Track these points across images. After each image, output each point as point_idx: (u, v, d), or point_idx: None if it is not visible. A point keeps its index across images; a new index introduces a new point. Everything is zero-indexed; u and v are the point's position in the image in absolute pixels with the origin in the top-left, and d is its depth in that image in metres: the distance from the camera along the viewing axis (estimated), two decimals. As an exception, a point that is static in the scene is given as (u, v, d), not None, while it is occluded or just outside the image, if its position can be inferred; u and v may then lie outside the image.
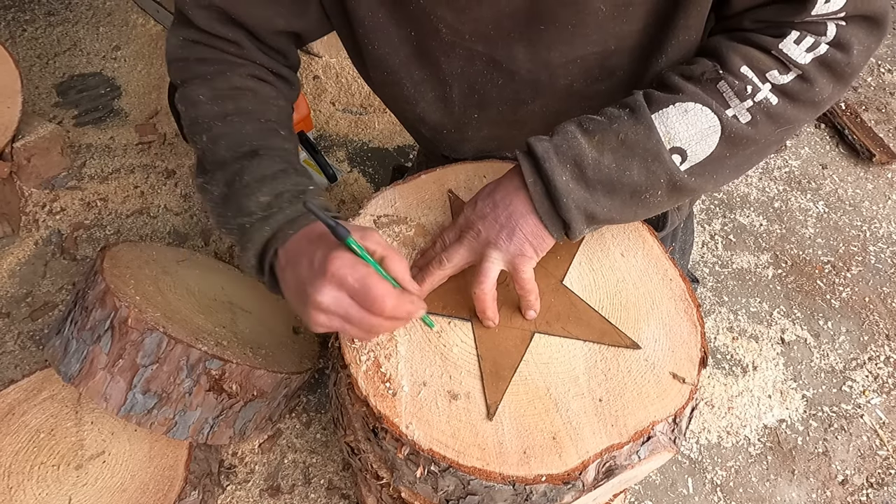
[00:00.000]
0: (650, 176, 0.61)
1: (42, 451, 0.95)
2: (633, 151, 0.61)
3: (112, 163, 1.64)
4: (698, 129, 0.61)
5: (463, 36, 0.70)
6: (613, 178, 0.61)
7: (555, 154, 0.61)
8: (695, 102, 0.62)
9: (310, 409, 1.21)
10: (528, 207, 0.62)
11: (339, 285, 0.54)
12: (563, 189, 0.60)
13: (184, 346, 0.85)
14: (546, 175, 0.60)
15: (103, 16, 2.04)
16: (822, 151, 1.89)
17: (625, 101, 0.65)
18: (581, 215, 0.62)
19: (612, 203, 0.62)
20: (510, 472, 0.57)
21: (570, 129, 0.63)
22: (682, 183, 0.62)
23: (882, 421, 1.31)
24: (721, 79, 0.62)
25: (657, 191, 0.62)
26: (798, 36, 0.62)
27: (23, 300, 1.34)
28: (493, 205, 0.63)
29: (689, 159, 0.62)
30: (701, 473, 1.21)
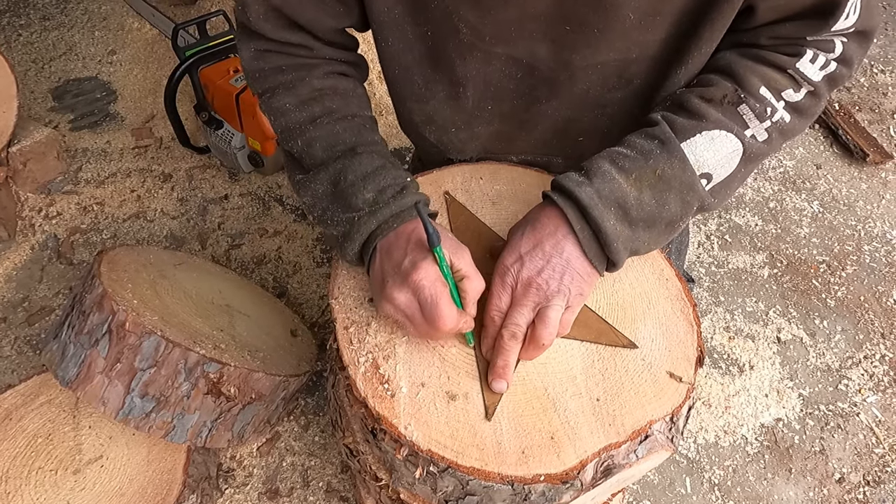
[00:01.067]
0: (685, 206, 0.65)
1: (40, 456, 0.94)
2: (671, 185, 0.64)
3: (108, 167, 1.64)
4: (724, 155, 0.64)
5: (483, 38, 0.70)
6: (654, 213, 0.64)
7: (599, 200, 0.62)
8: (720, 130, 0.64)
9: (308, 411, 1.21)
10: (580, 252, 0.64)
11: (414, 292, 0.60)
12: (612, 234, 0.62)
13: (182, 349, 0.85)
14: (594, 222, 0.62)
15: (99, 20, 2.04)
16: (816, 152, 1.90)
17: (652, 132, 0.66)
18: (627, 252, 0.64)
19: (650, 236, 0.65)
20: (509, 472, 0.57)
21: (606, 169, 0.64)
22: (707, 205, 0.66)
23: (878, 419, 1.32)
24: (742, 102, 0.65)
25: (688, 216, 0.66)
26: (813, 55, 0.65)
27: (19, 305, 1.34)
28: (545, 257, 0.63)
29: (712, 181, 0.66)
30: (699, 473, 1.21)
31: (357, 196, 0.65)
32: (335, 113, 0.71)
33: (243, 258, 1.47)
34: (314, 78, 0.72)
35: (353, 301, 0.68)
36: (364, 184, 0.65)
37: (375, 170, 0.67)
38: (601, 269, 0.65)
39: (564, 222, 0.64)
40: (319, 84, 0.72)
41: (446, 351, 0.65)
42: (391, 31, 0.72)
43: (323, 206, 0.68)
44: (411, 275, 0.60)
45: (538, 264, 0.63)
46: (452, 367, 0.64)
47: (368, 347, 0.65)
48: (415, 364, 0.64)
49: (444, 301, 0.59)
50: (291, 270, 1.45)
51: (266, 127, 1.49)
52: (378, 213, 0.64)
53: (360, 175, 0.66)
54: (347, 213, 0.66)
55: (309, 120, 0.70)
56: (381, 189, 0.65)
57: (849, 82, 2.06)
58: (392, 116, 1.82)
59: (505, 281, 0.64)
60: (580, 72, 0.72)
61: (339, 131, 0.70)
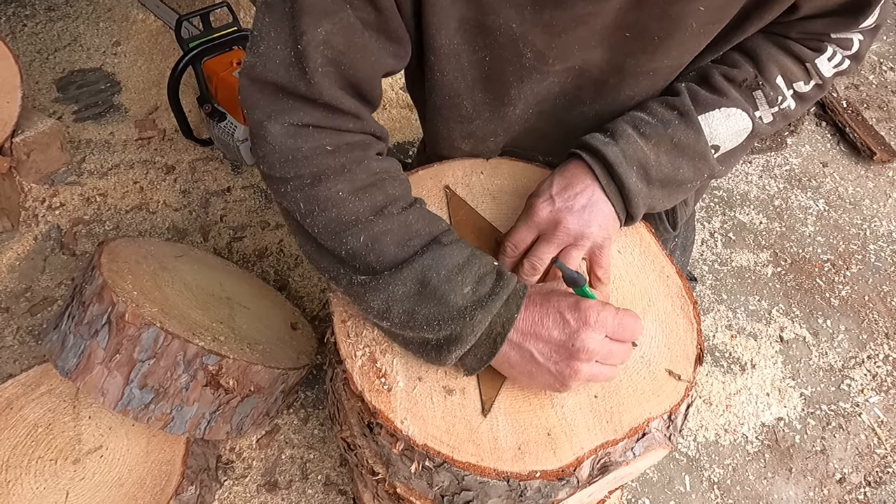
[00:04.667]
0: (696, 171, 0.71)
1: (40, 446, 0.95)
2: (684, 153, 0.69)
3: (111, 158, 1.64)
4: (735, 130, 0.71)
5: (547, 61, 0.66)
6: (669, 175, 0.69)
7: (624, 159, 0.67)
8: (736, 108, 0.70)
9: (307, 404, 1.21)
10: (606, 198, 0.68)
11: (601, 329, 0.58)
12: (634, 189, 0.68)
13: (181, 341, 0.85)
14: (619, 178, 0.67)
15: (103, 11, 2.04)
16: (822, 149, 1.88)
17: (672, 102, 0.70)
18: (644, 208, 0.70)
19: (664, 194, 0.71)
20: (504, 468, 0.57)
21: (629, 133, 0.69)
22: (717, 172, 0.73)
23: (880, 419, 1.31)
24: (759, 88, 0.71)
25: (698, 181, 0.72)
26: (832, 52, 0.71)
27: (22, 295, 1.34)
28: (572, 198, 0.67)
29: (720, 151, 0.72)
30: (698, 471, 1.21)
31: (455, 293, 0.58)
32: (399, 202, 0.62)
33: (245, 251, 1.47)
34: (371, 160, 0.62)
35: (352, 295, 0.68)
36: (459, 277, 0.58)
37: (466, 259, 0.60)
38: (622, 219, 0.71)
39: (591, 175, 0.68)
40: (377, 167, 0.62)
41: (444, 346, 0.65)
42: (448, 61, 0.67)
43: (405, 308, 0.58)
44: (589, 318, 0.57)
45: (568, 203, 0.67)
46: (450, 362, 0.64)
47: (366, 341, 0.64)
48: (412, 358, 0.64)
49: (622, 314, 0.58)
50: (293, 263, 1.45)
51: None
52: (489, 306, 0.58)
53: (453, 268, 0.59)
54: (447, 311, 0.57)
55: (372, 211, 0.60)
56: (478, 279, 0.59)
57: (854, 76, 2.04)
58: (395, 110, 1.82)
59: (531, 219, 0.68)
60: (631, 77, 0.70)
61: (411, 222, 0.61)
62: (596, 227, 0.67)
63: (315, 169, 0.60)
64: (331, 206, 0.59)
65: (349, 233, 0.59)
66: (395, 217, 0.60)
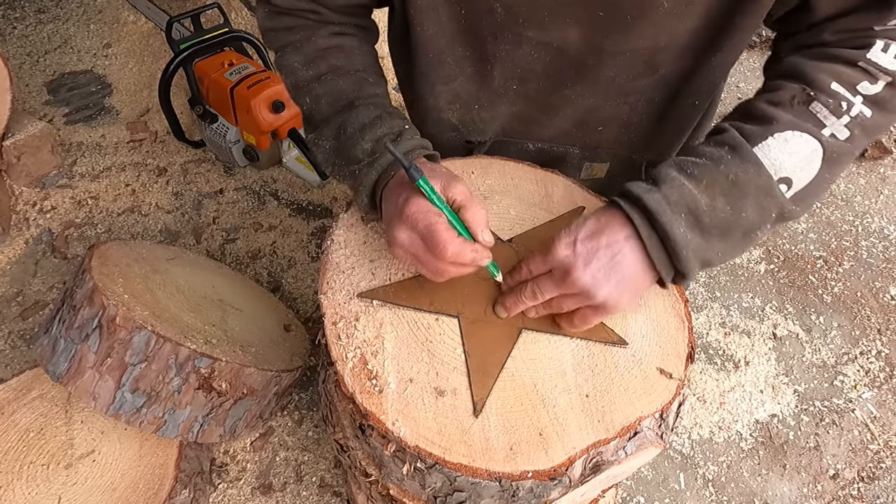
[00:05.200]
0: (762, 213, 0.60)
1: (32, 451, 0.94)
2: (745, 191, 0.59)
3: (103, 161, 1.63)
4: (802, 157, 0.60)
5: (517, 20, 0.71)
6: (729, 221, 0.60)
7: (668, 205, 0.59)
8: (793, 130, 0.60)
9: (301, 406, 1.21)
10: (639, 258, 0.60)
11: (412, 227, 0.60)
12: (681, 241, 0.58)
13: (172, 344, 0.85)
14: (662, 228, 0.59)
15: (94, 13, 2.03)
16: (814, 147, 1.89)
17: (720, 139, 0.63)
18: (698, 263, 0.60)
19: (725, 246, 0.61)
20: (496, 469, 0.57)
21: (674, 175, 0.61)
22: (788, 212, 0.61)
23: (873, 415, 1.31)
24: (813, 100, 0.61)
25: (766, 225, 0.61)
26: (884, 44, 0.62)
27: (13, 299, 1.33)
28: (595, 251, 0.60)
29: (793, 187, 0.61)
30: (693, 468, 1.21)
31: (356, 148, 0.66)
32: (339, 70, 0.73)
33: (238, 253, 1.47)
34: (319, 38, 0.74)
35: (343, 296, 0.68)
36: (362, 135, 0.66)
37: (372, 121, 0.67)
38: (667, 278, 0.62)
39: (629, 226, 0.61)
40: (325, 43, 0.74)
41: (435, 347, 0.65)
42: (427, 15, 0.73)
43: (331, 161, 0.70)
44: (405, 211, 0.60)
45: (588, 255, 0.60)
46: (441, 362, 0.64)
47: (357, 343, 0.64)
48: (403, 360, 0.63)
49: (438, 227, 0.59)
50: (286, 265, 1.45)
51: (261, 121, 1.48)
52: (376, 164, 0.65)
53: (358, 127, 0.67)
54: (350, 165, 0.67)
55: (314, 77, 0.72)
56: (377, 139, 0.66)
57: None
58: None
59: (548, 254, 0.62)
60: (609, 58, 0.72)
61: (341, 86, 0.71)
62: (611, 290, 0.60)
63: (282, 43, 0.74)
64: (290, 73, 0.73)
65: (301, 96, 0.72)
66: (330, 83, 0.71)
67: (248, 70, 1.51)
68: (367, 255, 0.71)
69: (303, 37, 0.74)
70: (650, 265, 0.61)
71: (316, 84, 0.72)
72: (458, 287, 0.69)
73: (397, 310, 0.67)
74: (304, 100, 0.73)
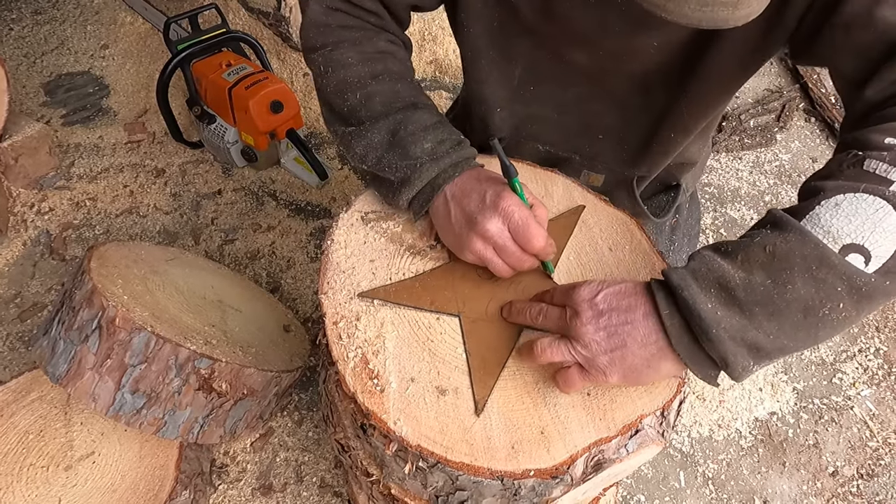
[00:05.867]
0: (821, 286, 0.51)
1: (31, 453, 0.94)
2: (789, 262, 0.52)
3: (101, 162, 1.63)
4: (865, 218, 0.52)
5: (534, 30, 0.78)
6: (773, 296, 0.51)
7: (693, 280, 0.53)
8: (844, 193, 0.53)
9: (301, 407, 1.21)
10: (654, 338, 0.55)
11: (505, 219, 0.64)
12: (710, 318, 0.52)
13: (172, 345, 0.85)
14: (686, 303, 0.53)
15: (91, 14, 2.03)
16: (812, 145, 1.90)
17: (761, 221, 0.58)
18: (741, 347, 0.52)
19: (776, 327, 0.52)
20: (498, 468, 0.57)
21: (704, 254, 0.56)
22: (871, 287, 0.51)
23: (872, 412, 1.32)
24: (865, 158, 0.55)
25: (837, 303, 0.51)
26: None
27: (11, 301, 1.33)
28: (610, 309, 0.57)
29: (874, 256, 0.51)
30: (693, 467, 1.21)
31: (416, 145, 0.69)
32: (395, 74, 0.75)
33: (237, 253, 1.47)
34: (380, 41, 0.77)
35: (343, 296, 0.68)
36: (424, 135, 0.70)
37: (434, 124, 0.71)
38: (699, 371, 0.55)
39: (649, 301, 0.56)
40: (384, 46, 0.77)
41: (436, 346, 0.65)
42: (474, 17, 0.79)
43: (378, 154, 0.71)
44: (499, 204, 0.64)
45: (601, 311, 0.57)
46: (442, 362, 0.64)
47: (358, 342, 0.64)
48: (404, 359, 0.63)
49: (533, 222, 0.63)
50: (285, 266, 1.45)
51: (259, 122, 1.48)
52: (440, 161, 0.69)
53: (420, 127, 0.70)
54: (406, 160, 0.69)
55: (370, 75, 0.74)
56: (439, 140, 0.70)
57: None
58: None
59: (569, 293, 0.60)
60: (610, 77, 0.81)
61: (399, 89, 0.74)
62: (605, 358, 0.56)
63: (336, 38, 0.75)
64: (341, 67, 0.74)
65: (350, 91, 0.73)
66: (387, 83, 0.73)
67: (245, 70, 1.51)
68: (367, 254, 0.71)
69: (363, 36, 0.76)
70: (667, 348, 0.55)
71: (371, 81, 0.73)
72: (458, 286, 0.69)
73: (398, 309, 0.67)
74: (353, 95, 0.73)
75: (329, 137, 1.77)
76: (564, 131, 0.91)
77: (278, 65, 1.86)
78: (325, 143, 1.75)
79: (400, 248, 0.73)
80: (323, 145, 1.74)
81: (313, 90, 1.85)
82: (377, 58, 0.75)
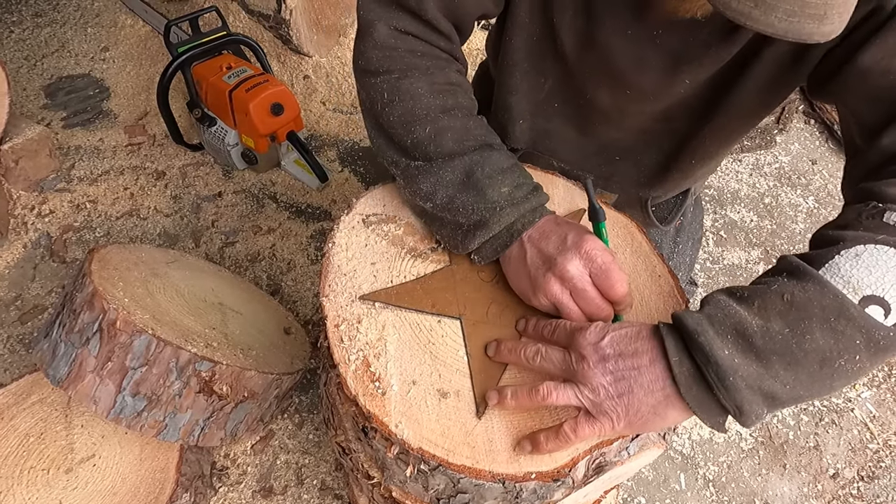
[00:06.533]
0: (840, 337, 0.51)
1: (32, 456, 0.94)
2: (808, 312, 0.51)
3: (101, 164, 1.63)
4: (886, 270, 0.51)
5: (566, 58, 0.79)
6: (791, 346, 0.51)
7: (710, 325, 0.52)
8: (864, 244, 0.53)
9: (302, 409, 1.21)
10: (661, 385, 0.54)
11: (587, 262, 0.61)
12: (727, 365, 0.50)
13: (173, 348, 0.85)
14: (702, 349, 0.51)
15: (91, 17, 2.03)
16: (811, 147, 1.90)
17: (776, 268, 0.57)
18: (756, 396, 0.51)
19: (796, 377, 0.51)
20: (500, 470, 0.57)
21: (720, 298, 0.55)
22: (889, 341, 0.51)
23: (872, 414, 1.32)
24: (886, 210, 0.55)
25: (854, 355, 0.51)
26: None
27: (12, 304, 1.33)
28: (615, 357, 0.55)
29: (894, 309, 0.51)
30: (693, 469, 1.21)
31: (494, 189, 0.66)
32: (465, 108, 0.72)
33: (237, 256, 1.47)
34: (451, 72, 0.74)
35: (344, 299, 0.68)
36: (502, 178, 0.67)
37: (511, 167, 0.68)
38: (707, 419, 0.53)
39: (657, 347, 0.55)
40: (454, 78, 0.74)
41: (437, 348, 0.65)
42: (518, 27, 0.78)
43: (450, 194, 0.68)
44: (582, 246, 0.61)
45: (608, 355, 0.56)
46: (444, 364, 0.64)
47: (359, 345, 0.64)
48: (406, 362, 0.63)
49: (616, 266, 0.61)
50: (286, 268, 1.45)
51: (259, 124, 1.48)
52: (519, 206, 0.66)
53: (497, 170, 0.67)
54: (482, 203, 0.66)
55: (441, 109, 0.70)
56: (517, 185, 0.67)
57: None
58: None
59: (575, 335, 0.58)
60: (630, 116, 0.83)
61: (471, 126, 0.70)
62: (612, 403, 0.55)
63: (405, 66, 0.71)
64: (409, 98, 0.69)
65: (418, 124, 0.69)
66: (459, 119, 0.70)
67: (246, 73, 1.51)
68: (368, 257, 0.71)
69: (434, 65, 0.72)
70: (674, 395, 0.53)
71: (443, 116, 0.69)
72: (459, 289, 0.69)
73: (400, 312, 0.67)
74: (422, 129, 0.68)
75: (329, 140, 1.77)
76: (582, 151, 0.92)
77: (279, 67, 1.86)
78: (326, 145, 1.75)
79: (401, 250, 0.73)
80: (323, 147, 1.75)
81: (313, 92, 1.85)
82: (448, 90, 0.71)
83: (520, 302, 0.69)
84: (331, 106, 1.85)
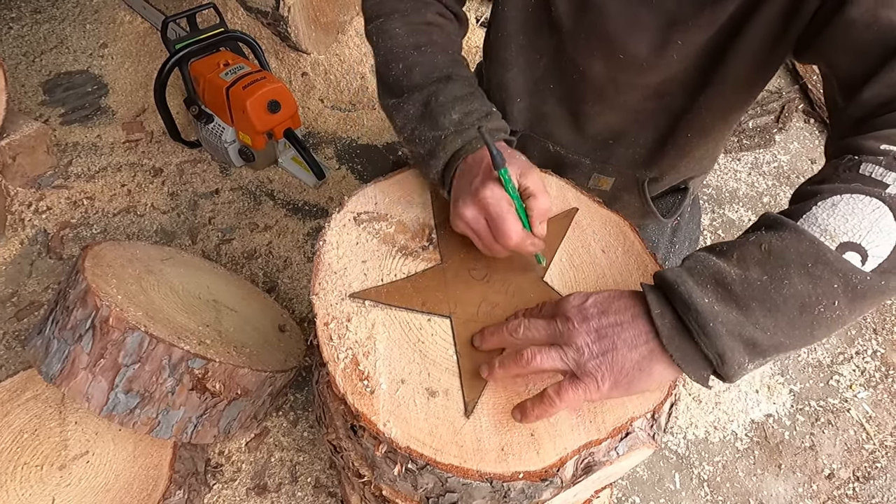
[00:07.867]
0: (817, 282, 0.51)
1: (25, 452, 0.94)
2: (785, 258, 0.52)
3: (99, 161, 1.63)
4: (862, 218, 0.52)
5: (561, 26, 0.80)
6: (770, 291, 0.51)
7: (689, 276, 0.53)
8: (840, 195, 0.54)
9: (297, 407, 1.21)
10: (644, 339, 0.54)
11: (481, 209, 0.64)
12: (707, 311, 0.51)
13: (166, 345, 0.85)
14: (682, 298, 0.52)
15: (90, 13, 2.03)
16: (810, 146, 1.89)
17: (756, 224, 0.58)
18: (738, 343, 0.51)
19: (776, 323, 0.51)
20: (488, 470, 0.57)
21: (699, 254, 0.56)
22: (866, 285, 0.51)
23: (869, 415, 1.32)
24: (861, 163, 0.55)
25: (833, 300, 0.51)
26: None
27: (8, 300, 1.33)
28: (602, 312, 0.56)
29: (871, 255, 0.52)
30: (688, 468, 1.21)
31: (445, 116, 0.69)
32: (437, 45, 0.77)
33: (234, 253, 1.47)
34: (428, 12, 0.79)
35: (334, 297, 0.68)
36: (453, 105, 0.70)
37: (465, 95, 0.71)
38: (692, 372, 0.53)
39: (639, 304, 0.56)
40: (431, 18, 0.79)
41: (427, 347, 0.65)
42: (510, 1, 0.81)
43: (412, 126, 0.72)
44: (479, 193, 0.64)
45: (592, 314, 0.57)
46: (433, 363, 0.64)
47: (348, 343, 0.64)
48: (395, 360, 0.63)
49: (508, 217, 0.63)
50: (282, 265, 1.45)
51: (256, 121, 1.48)
52: (463, 134, 0.69)
53: (451, 98, 0.71)
54: (434, 131, 0.70)
55: (414, 46, 0.75)
56: (467, 112, 0.70)
57: None
58: (385, 110, 1.81)
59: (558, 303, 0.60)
60: (623, 86, 0.83)
61: (438, 61, 0.75)
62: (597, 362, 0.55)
63: (388, 10, 0.78)
64: (388, 38, 0.77)
65: (394, 62, 0.75)
66: (428, 55, 0.75)
67: (243, 70, 1.51)
68: (359, 255, 0.71)
69: (412, 7, 0.79)
70: (658, 349, 0.54)
71: (414, 52, 0.75)
72: (450, 288, 0.69)
73: (389, 310, 0.67)
74: (397, 66, 0.75)
75: (326, 137, 1.77)
76: (577, 134, 0.92)
77: (276, 64, 1.86)
78: (323, 142, 1.75)
79: (392, 248, 0.73)
80: (320, 145, 1.74)
81: (311, 90, 1.85)
82: (423, 29, 0.77)
83: (511, 300, 0.68)
84: (329, 103, 1.85)
